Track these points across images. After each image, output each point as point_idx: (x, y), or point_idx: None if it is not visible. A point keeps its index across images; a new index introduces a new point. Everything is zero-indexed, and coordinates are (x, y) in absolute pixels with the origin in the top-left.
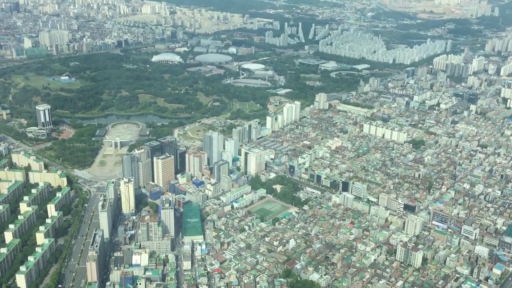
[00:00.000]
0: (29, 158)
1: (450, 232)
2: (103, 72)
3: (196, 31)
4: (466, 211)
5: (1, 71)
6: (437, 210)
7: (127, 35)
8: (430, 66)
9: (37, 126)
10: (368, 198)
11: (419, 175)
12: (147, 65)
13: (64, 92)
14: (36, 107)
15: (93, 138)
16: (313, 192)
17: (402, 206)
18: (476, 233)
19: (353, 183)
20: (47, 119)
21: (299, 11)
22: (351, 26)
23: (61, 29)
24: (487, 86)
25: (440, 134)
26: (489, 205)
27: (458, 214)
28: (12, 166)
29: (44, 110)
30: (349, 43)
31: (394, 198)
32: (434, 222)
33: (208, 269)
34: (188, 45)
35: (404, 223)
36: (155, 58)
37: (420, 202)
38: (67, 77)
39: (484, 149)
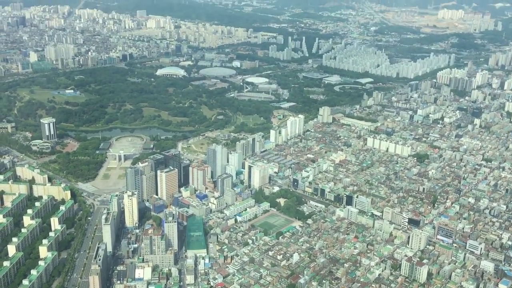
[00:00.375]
0: (33, 171)
1: (455, 246)
2: (107, 86)
3: (200, 45)
4: (471, 226)
5: (7, 85)
6: (442, 224)
7: (132, 49)
8: (434, 80)
9: (42, 139)
10: (372, 212)
11: (424, 189)
12: (152, 79)
13: (69, 105)
14: (41, 120)
15: (97, 151)
16: (317, 206)
17: (407, 220)
18: (481, 248)
19: (357, 197)
20: (52, 132)
21: (302, 25)
22: (354, 40)
23: (67, 43)
24: (491, 100)
25: (444, 148)
26: (494, 219)
27: (463, 228)
28: (16, 179)
29: (48, 123)
30: (352, 57)
31: (399, 212)
32: (439, 237)
33: (211, 283)
34: (193, 59)
35: (408, 237)
36: (159, 72)
37: (424, 216)
38: (72, 91)
39: (488, 163)
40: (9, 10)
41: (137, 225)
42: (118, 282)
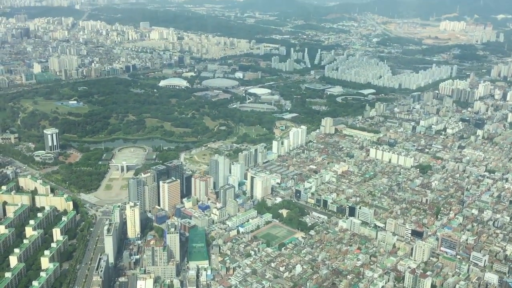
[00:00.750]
0: (36, 181)
1: (459, 258)
2: (111, 97)
3: (203, 56)
4: (475, 237)
5: (11, 96)
6: (445, 236)
7: (135, 60)
8: (436, 91)
9: (45, 150)
10: (375, 223)
11: (427, 200)
12: (155, 90)
13: (72, 116)
14: (44, 131)
15: (100, 162)
16: (319, 217)
17: (410, 232)
18: (485, 260)
19: (359, 208)
20: (55, 143)
21: (305, 37)
22: (356, 51)
23: (70, 55)
24: (494, 111)
25: (447, 159)
26: (498, 231)
27: (466, 240)
28: (19, 190)
29: (51, 134)
30: (354, 68)
31: (402, 223)
32: (442, 248)
33: None
34: (195, 70)
35: (412, 249)
36: (162, 83)
37: (428, 228)
38: (75, 102)
39: (492, 174)
40: (13, 21)
41: (139, 236)
42: None
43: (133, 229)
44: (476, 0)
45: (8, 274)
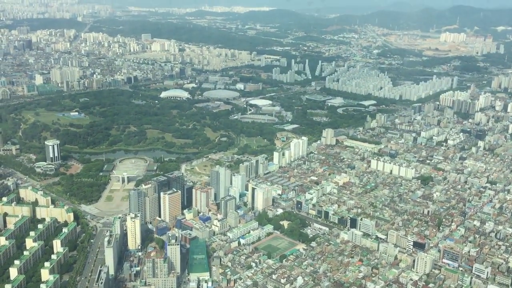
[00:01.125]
0: (37, 193)
1: (461, 270)
2: (112, 108)
3: (204, 67)
4: (477, 249)
5: (12, 107)
6: (448, 247)
7: (136, 71)
8: (437, 103)
9: (46, 161)
10: (376, 235)
11: (428, 211)
12: (156, 101)
13: (73, 127)
14: (45, 142)
15: (101, 173)
16: (320, 229)
17: (412, 244)
18: (487, 272)
19: (361, 219)
20: (56, 154)
21: (305, 48)
22: (357, 63)
23: (72, 66)
24: (495, 123)
25: (448, 171)
26: (500, 243)
27: (469, 252)
28: (20, 201)
29: (53, 145)
30: (355, 80)
31: (403, 235)
32: (444, 260)
33: None
34: (196, 81)
35: (414, 261)
36: (163, 94)
37: (429, 240)
38: (76, 113)
39: (493, 185)
40: (15, 33)
41: (139, 247)
42: None
43: (133, 241)
44: (476, 12)
45: (8, 286)
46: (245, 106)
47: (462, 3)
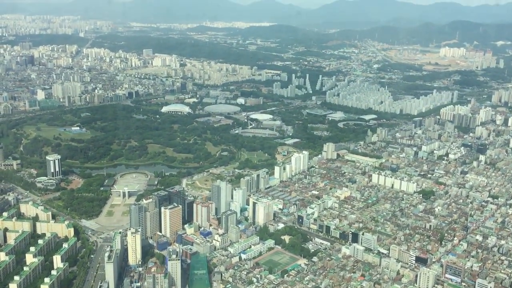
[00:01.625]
0: (37, 208)
1: (464, 285)
2: (113, 123)
3: (205, 82)
4: (480, 264)
5: (14, 122)
6: (450, 262)
7: (138, 86)
8: (438, 117)
9: (47, 176)
10: (378, 250)
11: (430, 226)
12: (157, 116)
13: (74, 142)
14: (47, 157)
15: (102, 188)
16: (322, 243)
17: (414, 259)
18: (491, 287)
19: (363, 234)
20: (57, 169)
21: (306, 63)
22: (357, 77)
23: (74, 81)
24: (496, 137)
25: (450, 185)
26: (503, 257)
27: (471, 267)
28: (20, 216)
29: (54, 160)
30: (356, 94)
31: (406, 250)
32: (447, 275)
33: None
34: (198, 96)
35: (416, 276)
36: (164, 109)
37: (432, 254)
38: (78, 128)
39: (495, 200)
40: (18, 49)
41: (140, 263)
42: None
43: (134, 256)
44: (475, 27)
45: None
46: (246, 120)
47: (461, 18)
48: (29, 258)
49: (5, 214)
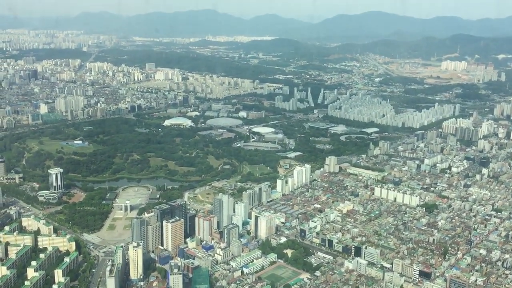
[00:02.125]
0: (39, 222)
1: None
2: (115, 136)
3: (207, 96)
4: (484, 278)
5: (17, 136)
6: (454, 277)
7: (140, 100)
8: (440, 130)
9: (49, 190)
10: (381, 264)
11: (434, 240)
12: (159, 129)
13: (76, 156)
14: (49, 170)
15: (104, 202)
16: (325, 257)
17: (417, 273)
18: None
19: (365, 248)
20: (59, 182)
21: (308, 76)
22: (359, 91)
23: (77, 95)
24: (498, 150)
25: (453, 198)
26: (507, 271)
27: (475, 281)
28: (22, 230)
29: (56, 173)
30: (358, 107)
31: (409, 264)
32: None
33: None
34: (200, 109)
35: None
36: (167, 122)
37: (435, 269)
38: (80, 141)
39: (498, 213)
40: (21, 63)
41: (141, 277)
42: None
43: (135, 270)
44: (476, 41)
45: None
46: (248, 134)
47: (462, 32)
48: (30, 273)
49: (6, 228)
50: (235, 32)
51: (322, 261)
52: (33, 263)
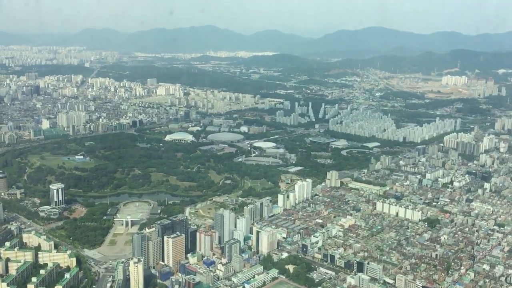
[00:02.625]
0: (40, 237)
1: None
2: (117, 151)
3: (208, 111)
4: None
5: (18, 151)
6: None
7: (142, 115)
8: (441, 144)
9: (50, 205)
10: (384, 280)
11: (437, 255)
12: (160, 144)
13: (78, 171)
14: (50, 186)
15: (105, 217)
16: (327, 273)
17: None
18: None
19: (368, 263)
20: (60, 198)
21: (309, 91)
22: (360, 105)
23: (79, 111)
24: (500, 164)
25: (455, 213)
26: (511, 287)
27: None
28: (22, 246)
29: (57, 189)
30: (359, 122)
31: (412, 279)
32: None
33: None
34: (201, 124)
35: None
36: (168, 137)
37: (439, 284)
38: (81, 157)
39: (501, 228)
40: (24, 79)
41: None
42: None
43: (136, 286)
44: (476, 56)
45: None
46: (249, 148)
47: (462, 47)
48: None
49: (7, 244)
50: (236, 47)
51: (324, 276)
52: (34, 279)
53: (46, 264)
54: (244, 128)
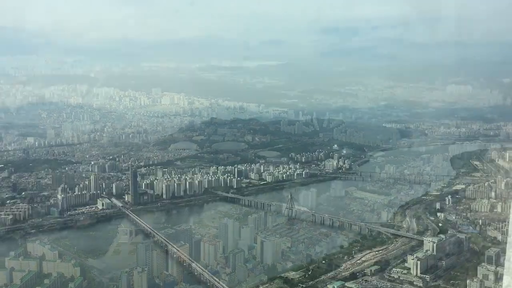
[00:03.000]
0: (44, 247)
1: None
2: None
3: (213, 120)
4: None
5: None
6: None
7: (146, 124)
8: (446, 154)
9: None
10: None
11: None
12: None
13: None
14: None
15: (109, 226)
16: None
17: None
18: None
19: None
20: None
21: (313, 100)
22: (364, 114)
23: (84, 120)
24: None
25: None
26: None
27: None
28: (27, 256)
29: (62, 198)
30: (363, 131)
31: None
32: None
33: None
34: (205, 133)
35: None
36: (172, 147)
37: None
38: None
39: None
40: (30, 89)
41: None
42: None
43: None
44: (481, 65)
45: None
46: (253, 157)
47: (467, 56)
48: None
49: (12, 253)
50: (240, 57)
51: None
52: None
53: (50, 274)
54: (248, 137)
